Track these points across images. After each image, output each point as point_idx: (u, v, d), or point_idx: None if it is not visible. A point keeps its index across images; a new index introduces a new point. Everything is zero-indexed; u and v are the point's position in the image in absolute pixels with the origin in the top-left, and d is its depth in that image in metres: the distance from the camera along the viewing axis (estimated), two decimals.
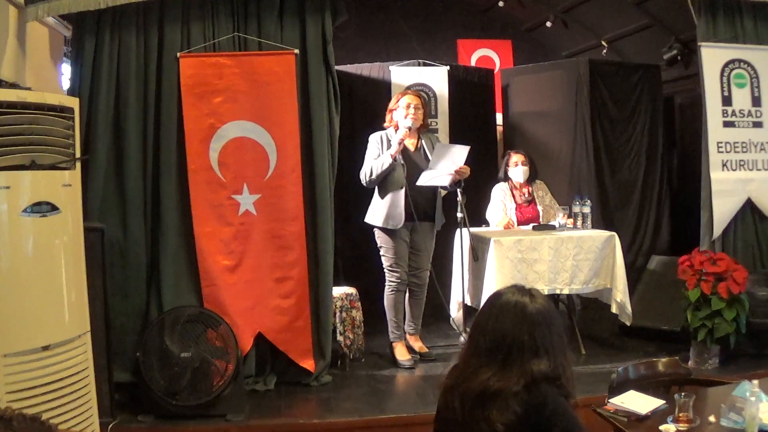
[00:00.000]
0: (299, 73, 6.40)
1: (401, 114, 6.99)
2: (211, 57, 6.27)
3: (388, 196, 6.91)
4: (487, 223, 7.93)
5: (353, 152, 7.55)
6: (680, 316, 7.22)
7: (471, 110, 9.31)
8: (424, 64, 9.03)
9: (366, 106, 8.79)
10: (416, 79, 8.68)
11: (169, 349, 5.76)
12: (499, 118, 9.95)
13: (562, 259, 6.98)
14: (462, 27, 11.59)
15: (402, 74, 8.84)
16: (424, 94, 7.49)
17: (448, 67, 9.03)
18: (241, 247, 6.33)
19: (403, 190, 6.85)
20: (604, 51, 10.56)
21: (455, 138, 8.39)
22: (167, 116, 6.24)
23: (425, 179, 6.84)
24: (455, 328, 7.73)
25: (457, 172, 6.86)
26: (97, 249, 5.65)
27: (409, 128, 6.92)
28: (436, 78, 8.83)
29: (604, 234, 7.19)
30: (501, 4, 10.70)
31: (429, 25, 11.48)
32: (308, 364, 6.45)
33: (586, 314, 8.21)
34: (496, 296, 3.35)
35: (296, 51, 6.37)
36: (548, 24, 10.75)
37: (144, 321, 6.20)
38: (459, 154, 6.83)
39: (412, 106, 6.99)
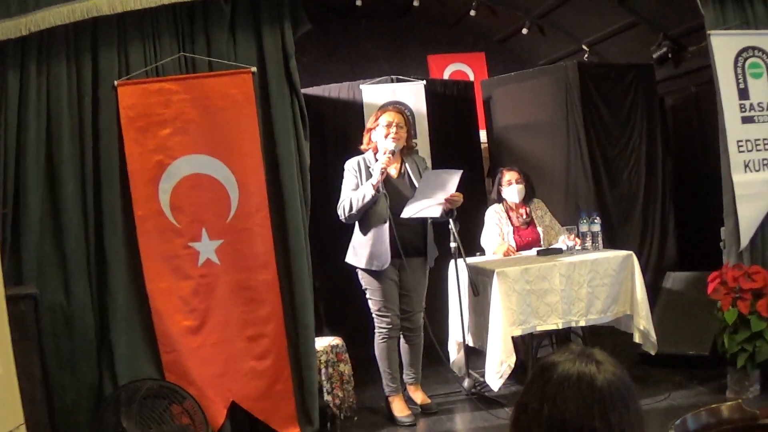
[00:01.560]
0: (259, 94, 5.53)
1: (381, 134, 6.05)
2: (155, 83, 5.39)
3: (371, 232, 5.97)
4: (482, 251, 7.01)
5: (326, 183, 6.69)
6: (707, 338, 6.58)
7: (452, 127, 8.36)
8: (398, 80, 8.11)
9: (337, 131, 7.95)
10: (390, 97, 7.76)
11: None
12: (482, 134, 9.06)
13: (576, 286, 6.06)
14: (432, 42, 10.82)
15: (374, 93, 7.89)
16: (406, 111, 6.48)
17: (424, 82, 8.12)
18: (203, 303, 5.42)
19: (387, 225, 5.91)
20: (586, 56, 9.73)
21: (438, 159, 7.49)
22: (107, 156, 5.34)
23: (412, 211, 5.91)
24: (456, 372, 6.74)
25: (448, 200, 5.95)
26: (30, 319, 4.75)
27: (392, 152, 5.97)
28: (412, 94, 7.89)
29: (620, 254, 6.26)
30: (473, 13, 9.85)
31: (397, 43, 10.73)
32: None
33: (599, 343, 7.21)
34: (547, 367, 2.32)
35: (253, 69, 5.49)
36: (524, 31, 9.92)
37: (97, 397, 5.26)
38: (450, 181, 5.93)
39: (393, 124, 6.04)
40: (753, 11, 6.46)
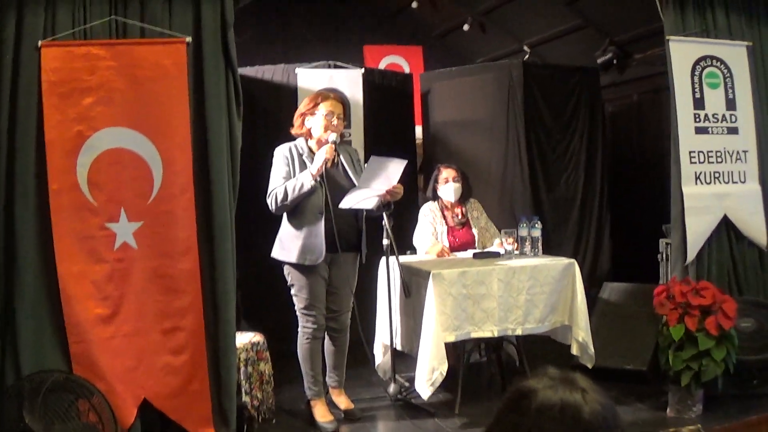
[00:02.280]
0: (192, 67, 5.06)
1: (319, 123, 5.65)
2: (81, 46, 4.91)
3: (304, 225, 5.58)
4: (414, 250, 6.67)
5: (254, 168, 6.20)
6: (645, 352, 6.35)
7: (388, 120, 7.99)
8: (336, 67, 7.73)
9: (268, 115, 7.53)
10: (326, 84, 7.37)
11: (28, 428, 4.36)
12: (417, 130, 8.71)
13: (515, 293, 5.76)
14: (369, 32, 10.51)
15: (310, 77, 7.50)
16: (347, 100, 6.09)
17: (362, 71, 7.75)
18: (118, 290, 4.94)
19: (323, 217, 5.53)
20: (527, 56, 9.50)
21: (371, 151, 7.01)
22: (24, 122, 4.84)
23: (351, 201, 5.52)
24: (380, 375, 6.37)
25: (389, 192, 5.58)
26: None
27: (335, 143, 5.60)
28: (349, 82, 7.53)
29: (561, 262, 5.99)
30: (414, 4, 9.55)
31: (333, 30, 10.39)
32: None
33: (529, 351, 6.93)
34: (524, 395, 1.99)
35: (188, 39, 5.02)
36: (465, 27, 9.65)
37: None
38: (394, 170, 5.56)
39: (335, 115, 5.67)
40: (713, 19, 6.32)
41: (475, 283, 5.63)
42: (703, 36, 6.25)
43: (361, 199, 5.54)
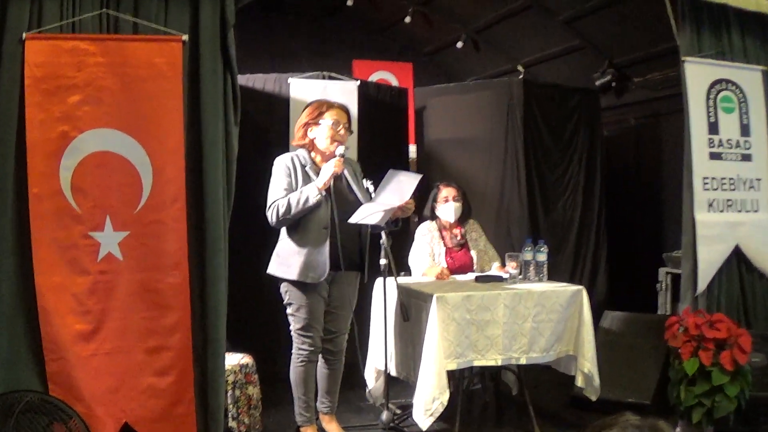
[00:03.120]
0: (187, 67, 4.68)
1: (325, 134, 5.32)
2: (68, 40, 4.51)
3: (307, 240, 5.22)
4: (408, 271, 6.30)
5: (242, 180, 5.76)
6: (647, 385, 6.07)
7: (382, 135, 7.63)
8: (330, 78, 7.38)
9: (259, 125, 7.16)
10: (320, 95, 6.99)
11: None
12: (411, 148, 8.37)
13: (520, 320, 5.39)
14: (358, 47, 10.21)
15: (303, 88, 7.15)
16: (350, 110, 5.74)
17: (358, 83, 7.40)
18: (100, 304, 4.53)
19: (328, 232, 5.19)
20: (520, 76, 9.16)
21: (363, 167, 6.71)
22: (4, 121, 4.42)
23: (362, 214, 5.17)
24: (371, 401, 5.99)
25: (401, 207, 5.27)
26: None
27: (343, 156, 5.28)
28: (344, 94, 7.13)
29: (569, 288, 5.63)
30: (407, 20, 9.23)
31: (321, 44, 10.10)
32: None
33: (532, 380, 6.56)
34: None
35: (184, 37, 4.64)
36: (459, 44, 9.34)
37: None
38: (409, 185, 5.25)
39: (341, 125, 5.36)
40: (729, 41, 6.09)
41: (479, 309, 5.27)
42: (719, 58, 5.99)
43: (370, 213, 5.20)
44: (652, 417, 2.06)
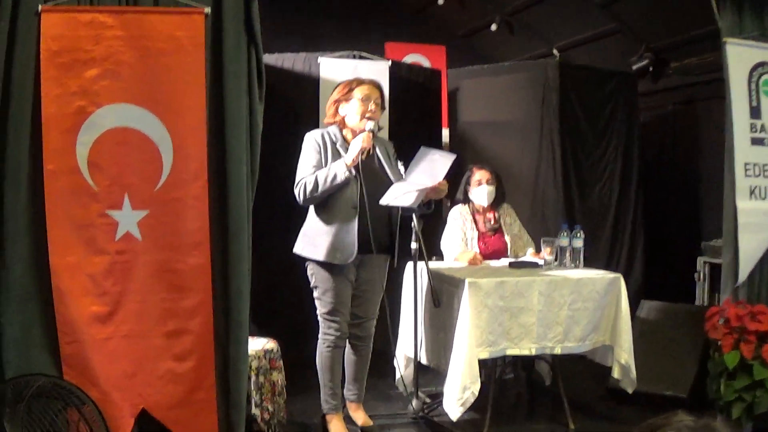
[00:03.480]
0: (210, 40, 4.41)
1: (356, 109, 5.07)
2: (86, 12, 4.26)
3: (335, 220, 4.96)
4: (440, 256, 6.02)
5: (269, 160, 5.53)
6: (684, 378, 5.74)
7: (414, 117, 7.33)
8: (361, 57, 7.12)
9: (287, 105, 6.89)
10: (351, 75, 6.68)
11: None
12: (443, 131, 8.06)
13: (555, 308, 5.11)
14: (391, 29, 9.79)
15: (333, 68, 6.89)
16: (382, 87, 5.47)
17: (389, 63, 7.14)
18: (117, 286, 4.29)
19: (357, 212, 4.92)
20: (556, 59, 8.84)
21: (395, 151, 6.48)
22: (19, 96, 4.16)
23: (393, 196, 4.90)
24: (401, 390, 5.71)
25: (433, 188, 4.98)
26: None
27: (373, 131, 5.00)
28: (375, 75, 6.73)
29: (607, 276, 5.35)
30: (441, 1, 8.94)
31: (354, 25, 9.61)
32: None
33: (566, 371, 6.29)
34: None
35: (207, 9, 4.37)
36: (493, 27, 9.04)
37: None
38: (442, 165, 4.95)
39: (372, 101, 5.09)
40: None
41: (513, 295, 5.00)
42: (761, 40, 5.64)
43: (402, 193, 4.92)
44: (707, 417, 1.85)
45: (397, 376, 5.65)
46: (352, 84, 5.15)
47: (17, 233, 4.14)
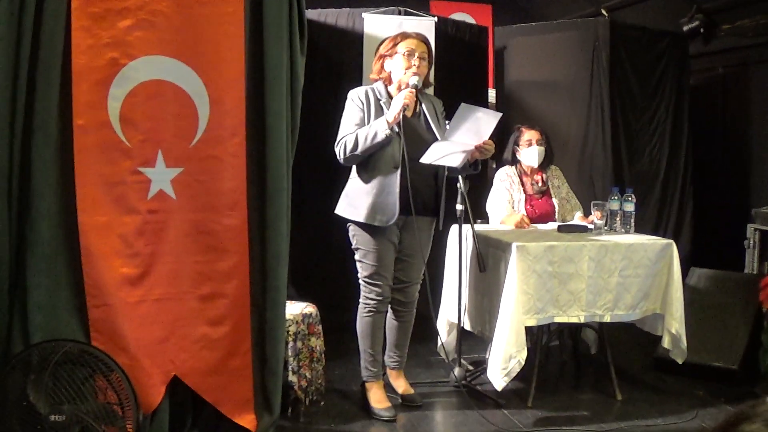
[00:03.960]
0: None
1: (400, 65, 4.72)
2: None
3: (376, 180, 4.62)
4: (486, 219, 5.67)
5: (310, 118, 5.30)
6: (735, 349, 5.40)
7: (460, 76, 6.96)
8: (406, 13, 6.74)
9: (331, 62, 6.57)
10: (396, 31, 6.32)
11: (32, 407, 3.48)
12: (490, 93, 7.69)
13: (606, 274, 4.77)
14: None
15: (377, 24, 6.51)
16: (429, 42, 5.11)
17: (435, 19, 6.76)
18: (149, 247, 3.97)
19: (398, 172, 4.57)
20: (606, 18, 8.41)
21: None
22: (49, 45, 3.81)
23: (434, 155, 4.54)
24: (443, 356, 5.38)
25: (479, 148, 4.60)
26: None
27: (416, 86, 4.63)
28: (420, 32, 6.51)
29: (659, 242, 4.98)
30: None
31: None
32: (247, 420, 4.13)
33: (613, 339, 5.92)
34: None
35: None
36: None
37: (4, 354, 3.77)
38: (487, 123, 4.58)
39: (416, 55, 4.72)
40: None
41: (562, 261, 4.65)
42: None
43: (446, 153, 4.56)
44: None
45: (439, 342, 5.32)
46: (396, 39, 4.80)
47: (45, 190, 3.82)
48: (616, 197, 5.20)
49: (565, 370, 5.78)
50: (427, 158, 4.52)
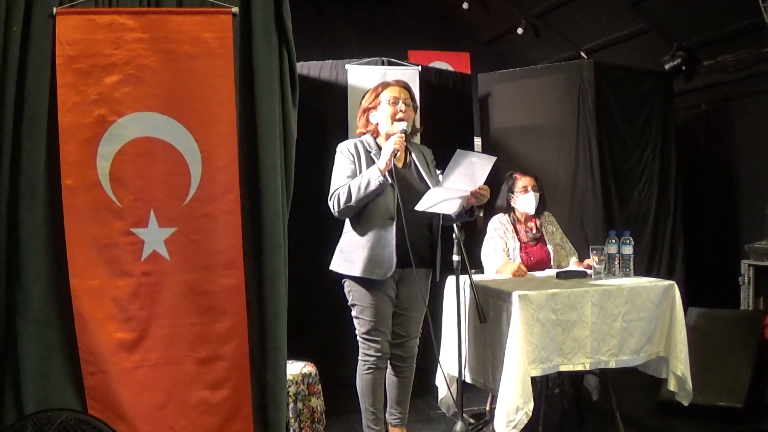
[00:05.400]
0: (239, 43, 4.02)
1: (385, 113, 4.63)
2: (105, 14, 3.88)
3: (371, 233, 4.50)
4: (480, 268, 5.55)
5: (300, 170, 5.10)
6: (739, 387, 5.34)
7: (445, 124, 6.90)
8: (389, 63, 6.69)
9: (316, 115, 6.46)
10: (379, 81, 6.28)
11: None
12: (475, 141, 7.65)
13: (609, 319, 4.64)
14: (413, 36, 9.46)
15: (362, 75, 6.46)
16: (411, 88, 5.04)
17: (419, 68, 6.70)
18: (144, 310, 3.88)
19: (394, 223, 4.46)
20: (591, 61, 8.41)
21: None
22: (34, 104, 3.77)
23: (431, 201, 4.44)
24: (443, 410, 5.25)
25: (474, 193, 4.50)
26: None
27: (405, 131, 4.53)
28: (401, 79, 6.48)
29: (660, 284, 4.88)
30: (465, 5, 8.53)
31: (375, 34, 9.37)
32: None
33: (615, 385, 5.81)
34: None
35: (235, 9, 3.98)
36: (519, 30, 8.60)
37: None
38: (482, 168, 4.47)
39: (401, 101, 4.64)
40: None
41: (565, 308, 4.52)
42: None
43: (441, 200, 4.45)
44: None
45: (440, 396, 5.20)
46: (378, 89, 4.73)
47: (34, 254, 3.72)
48: (613, 240, 5.10)
49: (567, 418, 5.64)
50: (422, 205, 4.41)
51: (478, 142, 7.65)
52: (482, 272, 5.55)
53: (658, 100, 7.27)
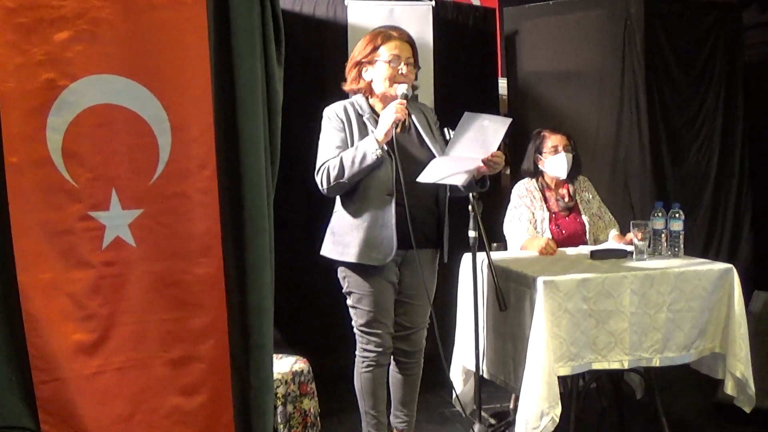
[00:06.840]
0: None
1: (383, 73, 4.78)
2: None
3: (368, 212, 4.69)
4: (503, 244, 5.71)
5: (288, 135, 5.24)
6: None
7: (464, 68, 7.12)
8: None
9: (309, 61, 6.67)
10: (386, 21, 6.48)
11: None
12: (500, 83, 7.77)
13: (652, 310, 4.82)
14: None
15: (364, 12, 6.63)
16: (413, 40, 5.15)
17: (432, 3, 6.83)
18: (107, 306, 3.96)
19: (393, 200, 4.62)
20: None
21: (442, 109, 6.16)
22: None
23: (434, 174, 4.59)
24: (459, 409, 5.44)
25: (486, 161, 4.63)
26: None
27: (407, 98, 4.67)
28: (416, 19, 6.65)
29: (715, 267, 5.01)
30: None
31: None
32: None
33: (664, 384, 6.00)
34: None
35: None
36: None
37: None
38: (494, 133, 4.59)
39: (402, 60, 4.78)
40: None
41: (599, 296, 4.69)
42: None
43: (448, 171, 4.60)
44: None
45: (454, 393, 5.39)
46: (376, 40, 4.83)
47: None
48: (660, 214, 5.24)
49: (605, 418, 5.84)
50: (424, 176, 4.55)
51: (503, 84, 7.75)
52: (505, 248, 5.70)
53: (723, 38, 7.40)
